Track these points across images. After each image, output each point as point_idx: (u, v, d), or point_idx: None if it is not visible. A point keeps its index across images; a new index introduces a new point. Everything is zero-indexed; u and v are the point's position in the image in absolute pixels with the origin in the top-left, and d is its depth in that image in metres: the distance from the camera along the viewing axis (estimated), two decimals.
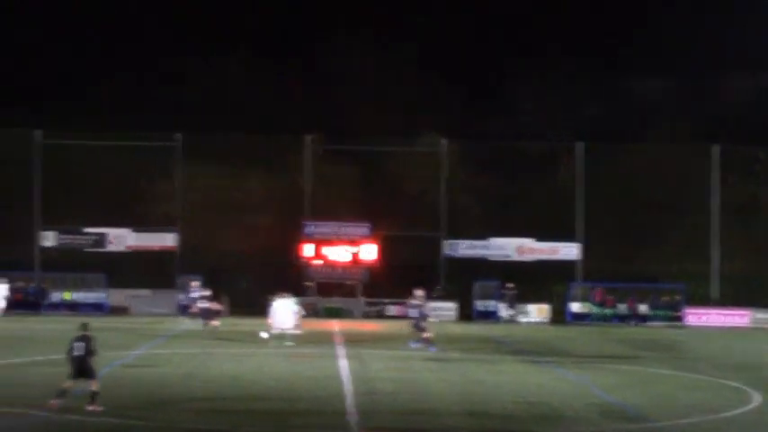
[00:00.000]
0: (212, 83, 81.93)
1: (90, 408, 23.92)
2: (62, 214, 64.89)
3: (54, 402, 23.99)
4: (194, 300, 49.82)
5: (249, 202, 68.72)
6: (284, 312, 40.67)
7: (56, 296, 59.64)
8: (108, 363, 34.01)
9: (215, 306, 48.09)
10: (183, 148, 65.63)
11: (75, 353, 24.37)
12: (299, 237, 63.13)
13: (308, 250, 62.47)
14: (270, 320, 41.02)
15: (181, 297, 59.81)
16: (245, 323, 51.26)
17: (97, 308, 60.81)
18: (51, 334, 43.07)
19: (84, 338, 24.62)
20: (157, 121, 70.67)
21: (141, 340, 42.82)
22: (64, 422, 23.14)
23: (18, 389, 28.00)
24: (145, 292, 63.46)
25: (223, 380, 30.54)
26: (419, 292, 40.97)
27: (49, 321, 51.25)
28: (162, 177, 67.60)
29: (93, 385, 24.28)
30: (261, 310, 57.98)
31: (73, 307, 60.82)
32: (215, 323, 46.46)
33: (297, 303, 41.94)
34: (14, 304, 58.07)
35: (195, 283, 51.89)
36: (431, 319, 43.47)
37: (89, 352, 24.48)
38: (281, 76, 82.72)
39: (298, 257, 62.86)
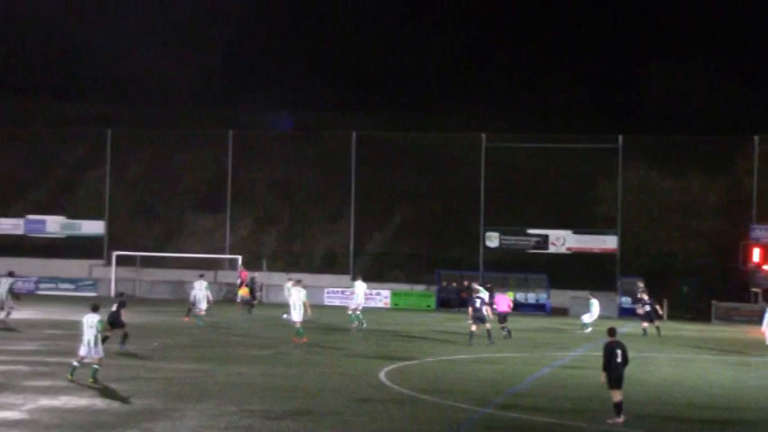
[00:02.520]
0: (656, 85, 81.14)
1: (613, 420, 23.08)
2: (505, 215, 66.43)
3: (618, 421, 23.08)
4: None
5: (692, 204, 67.00)
6: None
7: None
8: (549, 363, 34.44)
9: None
10: (624, 150, 65.06)
11: (618, 360, 23.17)
12: (745, 240, 60.81)
13: (755, 255, 59.95)
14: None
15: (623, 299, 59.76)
16: (685, 328, 50.02)
17: (539, 308, 61.73)
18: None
19: (621, 345, 23.41)
20: (598, 122, 70.77)
21: (580, 342, 42.87)
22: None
23: (464, 384, 28.88)
24: (585, 293, 63.61)
25: (663, 385, 29.89)
26: None
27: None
28: (603, 179, 67.42)
29: (618, 395, 23.21)
30: (702, 315, 56.60)
31: (515, 307, 61.91)
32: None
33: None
34: (459, 302, 59.90)
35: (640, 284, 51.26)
36: None
37: (626, 359, 23.37)
38: (728, 78, 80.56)
39: (744, 262, 60.50)
